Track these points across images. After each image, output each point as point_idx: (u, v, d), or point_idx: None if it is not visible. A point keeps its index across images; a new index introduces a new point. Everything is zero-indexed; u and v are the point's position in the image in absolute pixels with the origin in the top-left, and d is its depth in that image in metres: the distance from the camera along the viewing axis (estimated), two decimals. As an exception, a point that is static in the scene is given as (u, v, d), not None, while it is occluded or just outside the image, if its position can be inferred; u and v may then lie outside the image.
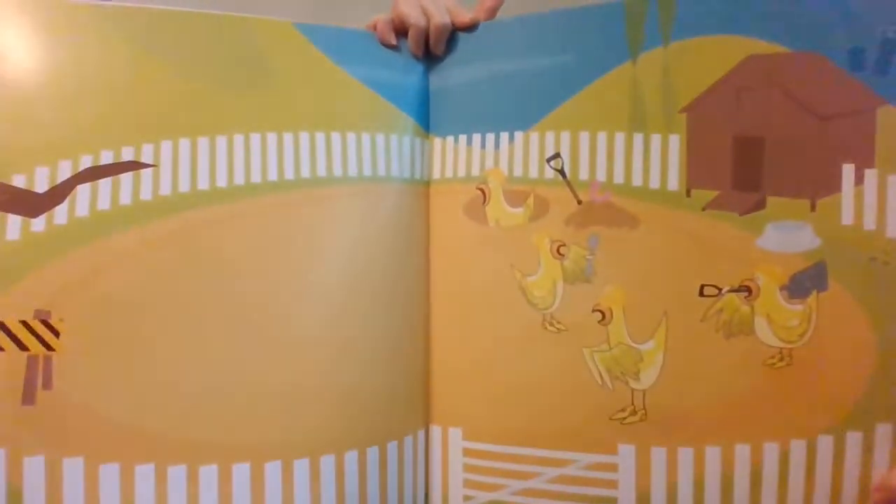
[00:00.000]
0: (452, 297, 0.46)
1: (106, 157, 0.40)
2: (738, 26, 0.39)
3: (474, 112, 0.45)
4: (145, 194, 0.41)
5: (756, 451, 0.38)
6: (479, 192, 0.45)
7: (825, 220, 0.38)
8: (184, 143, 0.41)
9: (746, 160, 0.39)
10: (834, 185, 0.38)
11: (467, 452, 0.45)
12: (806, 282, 0.38)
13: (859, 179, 0.37)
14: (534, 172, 0.44)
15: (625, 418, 0.41)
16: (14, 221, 0.38)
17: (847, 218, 0.37)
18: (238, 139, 0.43)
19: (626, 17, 0.41)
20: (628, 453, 0.41)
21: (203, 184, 0.42)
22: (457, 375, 0.46)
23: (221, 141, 0.42)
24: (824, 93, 0.38)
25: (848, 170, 0.37)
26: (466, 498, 0.44)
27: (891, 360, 0.36)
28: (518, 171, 0.44)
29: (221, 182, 0.42)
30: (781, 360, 0.38)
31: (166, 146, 0.41)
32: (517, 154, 0.44)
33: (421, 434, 0.46)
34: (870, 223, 0.37)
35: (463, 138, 0.46)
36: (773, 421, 0.38)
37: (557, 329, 0.43)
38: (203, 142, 0.42)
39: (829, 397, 0.37)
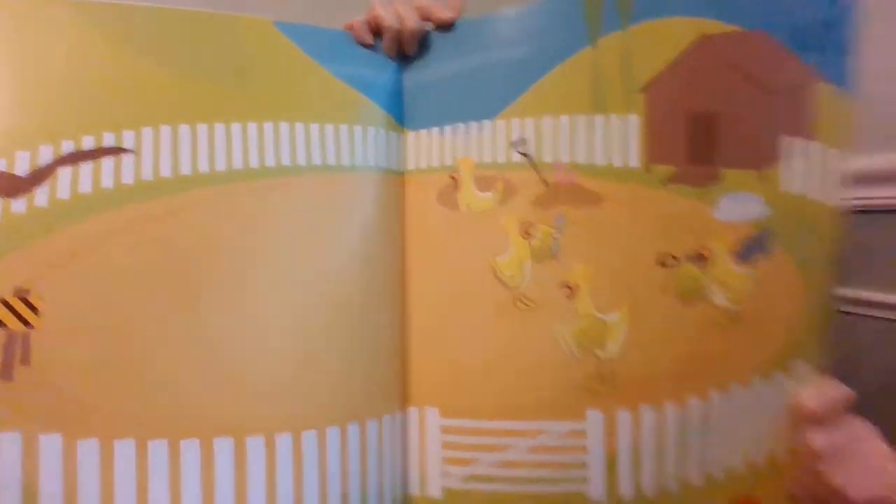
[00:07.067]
0: (428, 281, 0.48)
1: (87, 143, 0.41)
2: (691, 8, 0.42)
3: (445, 106, 0.48)
4: (127, 178, 0.42)
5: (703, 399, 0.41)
6: (450, 179, 0.47)
7: (773, 190, 0.40)
8: (165, 131, 0.43)
9: (700, 135, 0.42)
10: (780, 157, 0.40)
11: (445, 430, 0.46)
12: (753, 247, 0.40)
13: (803, 151, 0.40)
14: (501, 158, 0.46)
15: (592, 386, 0.43)
16: None
17: (791, 187, 0.40)
18: (219, 128, 0.44)
19: (584, 3, 0.44)
20: (596, 419, 0.43)
21: (185, 169, 0.43)
22: (434, 355, 0.47)
23: (202, 129, 0.44)
24: (770, 69, 0.40)
25: (792, 142, 0.40)
26: (444, 475, 0.46)
27: (813, 314, 0.40)
28: (487, 158, 0.46)
29: (203, 167, 0.43)
30: (731, 319, 0.40)
31: (147, 133, 0.42)
32: (486, 141, 0.46)
33: (400, 414, 0.47)
34: (813, 192, 0.40)
35: (435, 131, 0.48)
36: (720, 373, 0.41)
37: (527, 305, 0.44)
38: (184, 131, 0.43)
39: (766, 349, 0.40)
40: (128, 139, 0.42)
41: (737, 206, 0.41)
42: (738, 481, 0.42)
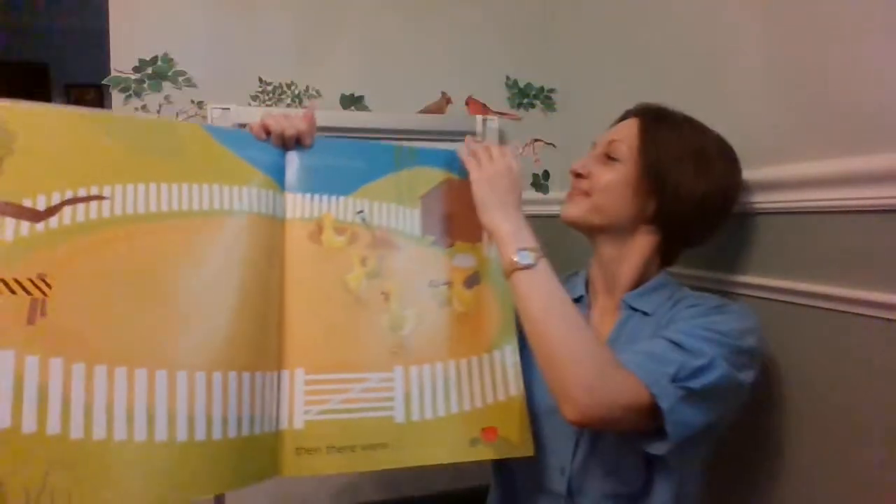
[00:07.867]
0: (300, 289, 0.75)
1: (81, 192, 0.67)
2: (441, 166, 0.85)
3: (315, 182, 0.78)
4: (105, 214, 0.68)
5: (455, 362, 0.79)
6: (317, 226, 0.77)
7: (479, 254, 0.84)
8: (129, 187, 0.69)
9: (447, 222, 0.83)
10: (480, 237, 0.85)
11: (307, 382, 0.72)
12: (473, 280, 0.82)
13: (487, 237, 0.85)
14: (350, 218, 0.78)
15: (397, 352, 0.76)
16: (24, 224, 0.64)
17: (488, 252, 0.84)
18: (164, 186, 0.71)
19: (394, 152, 0.83)
20: (399, 371, 0.76)
21: (141, 209, 0.69)
22: (303, 336, 0.73)
23: (152, 186, 0.70)
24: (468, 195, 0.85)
25: (484, 232, 0.85)
26: (306, 412, 0.71)
27: (508, 315, 0.83)
28: (341, 217, 0.78)
29: (153, 208, 0.69)
30: (463, 316, 0.81)
31: (118, 187, 0.69)
32: (340, 208, 0.78)
33: (275, 373, 0.71)
34: (494, 255, 0.85)
35: (308, 195, 0.78)
36: (462, 348, 0.79)
37: (364, 304, 0.76)
38: (141, 187, 0.69)
39: (486, 335, 0.81)
40: (106, 191, 0.68)
41: (463, 259, 0.83)
42: (481, 414, 0.77)
